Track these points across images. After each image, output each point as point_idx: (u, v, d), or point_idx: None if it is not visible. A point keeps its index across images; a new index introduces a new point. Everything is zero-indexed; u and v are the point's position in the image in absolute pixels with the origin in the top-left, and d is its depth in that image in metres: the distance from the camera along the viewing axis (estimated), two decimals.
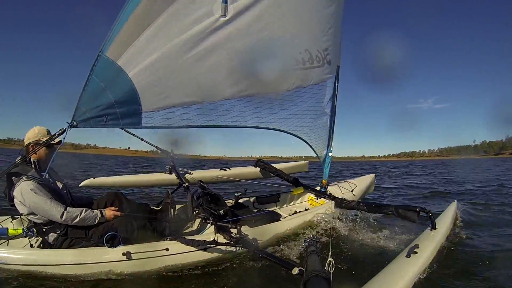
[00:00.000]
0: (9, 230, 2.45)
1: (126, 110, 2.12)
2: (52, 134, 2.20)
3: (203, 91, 2.37)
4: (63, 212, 2.14)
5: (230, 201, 3.47)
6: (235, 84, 2.51)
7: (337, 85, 3.47)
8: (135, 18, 1.97)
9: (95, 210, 2.30)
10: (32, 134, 2.28)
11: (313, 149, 3.70)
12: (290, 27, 2.70)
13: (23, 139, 2.31)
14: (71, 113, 2.08)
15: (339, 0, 3.08)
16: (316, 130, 3.57)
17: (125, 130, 2.52)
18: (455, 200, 3.25)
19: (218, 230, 2.34)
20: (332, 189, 3.74)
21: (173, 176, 3.70)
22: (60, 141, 2.19)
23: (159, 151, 3.93)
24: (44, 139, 2.23)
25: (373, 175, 4.39)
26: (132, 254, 2.12)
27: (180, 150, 3.75)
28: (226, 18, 2.26)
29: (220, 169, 4.07)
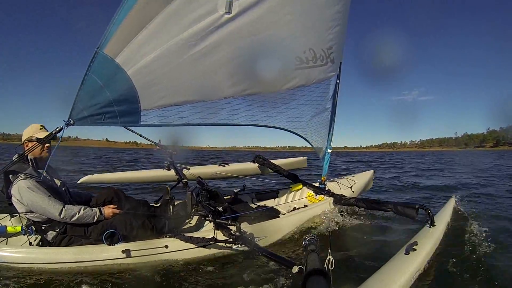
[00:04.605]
0: (7, 228, 2.43)
1: (124, 109, 2.09)
2: (50, 131, 2.17)
3: (204, 90, 2.33)
4: (61, 210, 2.13)
5: (229, 197, 3.46)
6: (237, 83, 2.48)
7: (339, 82, 3.44)
8: (134, 14, 1.92)
9: (94, 208, 2.29)
10: (27, 130, 2.27)
11: (312, 146, 3.69)
12: (295, 26, 2.63)
13: (21, 134, 2.28)
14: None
15: None
16: (315, 126, 3.54)
17: (124, 126, 2.50)
18: (453, 196, 3.25)
19: (217, 227, 2.34)
20: (331, 186, 3.74)
21: (171, 172, 3.69)
22: (55, 137, 2.14)
23: (157, 147, 3.93)
24: (36, 135, 2.21)
25: (372, 171, 4.39)
26: (131, 252, 2.13)
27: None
28: (231, 15, 2.20)
29: (219, 165, 4.08)
